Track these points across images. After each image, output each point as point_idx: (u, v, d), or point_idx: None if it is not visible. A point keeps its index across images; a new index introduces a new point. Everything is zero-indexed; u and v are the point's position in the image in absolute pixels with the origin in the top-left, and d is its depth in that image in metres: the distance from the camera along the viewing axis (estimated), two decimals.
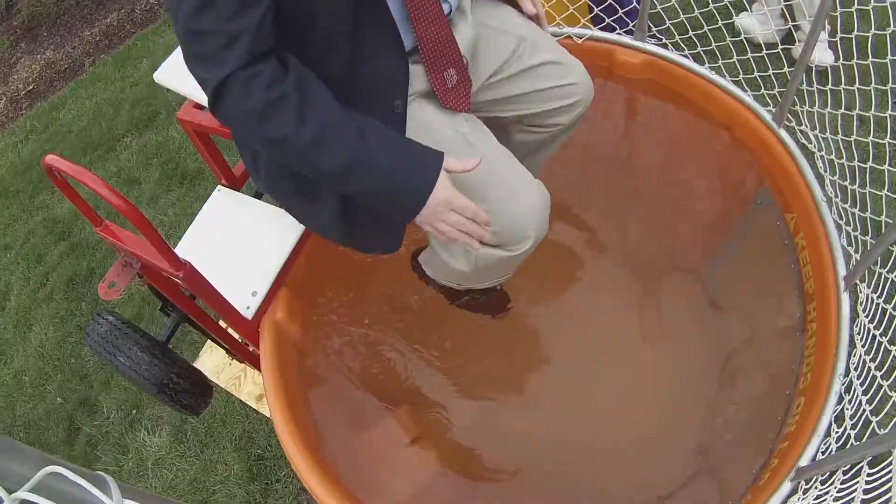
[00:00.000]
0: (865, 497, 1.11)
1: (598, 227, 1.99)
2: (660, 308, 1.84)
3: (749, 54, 1.91)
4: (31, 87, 5.00)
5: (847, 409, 1.39)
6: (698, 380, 1.75)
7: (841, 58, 1.70)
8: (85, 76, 4.78)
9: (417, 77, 1.23)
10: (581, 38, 1.97)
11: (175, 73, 1.70)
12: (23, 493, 0.70)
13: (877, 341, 1.40)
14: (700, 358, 1.76)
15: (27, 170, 4.21)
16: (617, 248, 1.96)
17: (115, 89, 4.41)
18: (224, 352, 2.16)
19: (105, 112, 4.26)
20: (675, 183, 1.98)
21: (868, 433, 1.30)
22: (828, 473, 1.30)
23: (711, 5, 1.99)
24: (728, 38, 1.96)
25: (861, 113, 1.68)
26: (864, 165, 1.60)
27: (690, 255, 1.90)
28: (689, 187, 1.96)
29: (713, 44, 1.96)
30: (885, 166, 1.54)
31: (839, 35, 1.75)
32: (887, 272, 1.45)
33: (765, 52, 1.87)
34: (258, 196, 1.94)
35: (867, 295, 1.50)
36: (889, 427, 1.20)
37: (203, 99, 1.38)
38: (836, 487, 1.22)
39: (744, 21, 2.64)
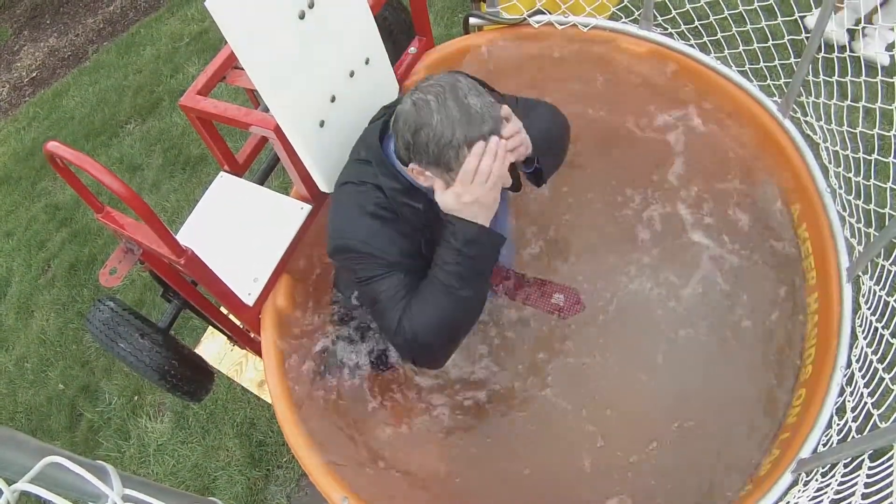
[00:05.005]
0: (866, 491, 1.10)
1: (597, 216, 1.99)
2: (661, 297, 1.84)
3: (755, 44, 1.89)
4: (34, 74, 4.99)
5: (849, 401, 1.39)
6: (699, 370, 1.75)
7: (848, 50, 1.69)
8: (88, 63, 4.76)
9: None
10: (586, 27, 1.96)
11: None
12: (23, 484, 0.69)
13: (879, 333, 1.39)
14: (701, 348, 1.76)
15: (29, 157, 4.20)
16: (613, 238, 1.96)
17: (118, 76, 4.39)
18: (225, 338, 2.16)
19: (108, 99, 4.25)
20: (678, 172, 1.97)
21: (869, 426, 1.30)
22: (829, 466, 1.29)
23: None
24: (734, 28, 1.95)
25: (867, 105, 1.67)
26: (868, 157, 1.60)
27: (693, 245, 1.89)
28: (692, 177, 1.95)
29: (719, 34, 1.95)
30: (890, 158, 1.53)
31: (846, 26, 1.74)
32: (890, 264, 1.45)
33: (771, 42, 1.86)
34: (261, 182, 1.93)
35: (869, 287, 1.50)
36: (890, 420, 1.20)
37: None
38: (836, 480, 1.21)
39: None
